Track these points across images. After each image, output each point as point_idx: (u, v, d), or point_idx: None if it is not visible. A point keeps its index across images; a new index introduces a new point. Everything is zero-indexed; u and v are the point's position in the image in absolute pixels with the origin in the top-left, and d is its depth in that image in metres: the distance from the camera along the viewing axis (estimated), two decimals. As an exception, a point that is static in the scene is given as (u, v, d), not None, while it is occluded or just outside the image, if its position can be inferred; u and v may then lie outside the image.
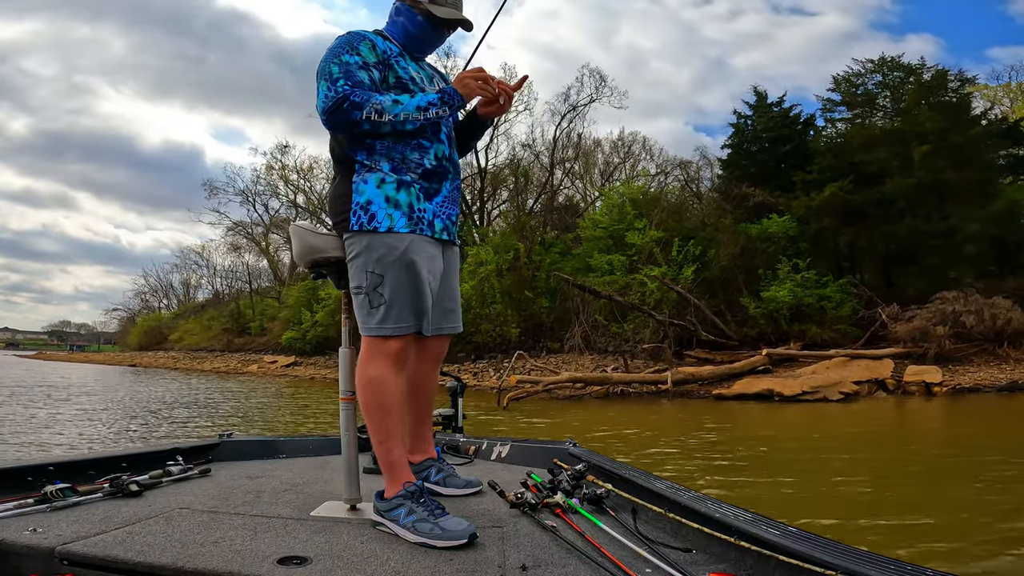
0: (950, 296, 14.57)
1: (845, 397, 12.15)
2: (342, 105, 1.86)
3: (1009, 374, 13.06)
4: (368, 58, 1.96)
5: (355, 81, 1.90)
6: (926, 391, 12.57)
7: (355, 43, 1.96)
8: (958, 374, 13.31)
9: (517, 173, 26.04)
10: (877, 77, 19.91)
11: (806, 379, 12.86)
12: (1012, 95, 26.03)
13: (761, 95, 22.19)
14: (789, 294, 16.47)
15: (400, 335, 1.90)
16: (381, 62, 1.99)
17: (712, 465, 6.29)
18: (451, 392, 3.28)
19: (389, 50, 2.03)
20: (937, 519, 4.30)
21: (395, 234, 1.90)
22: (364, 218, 1.90)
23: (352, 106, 1.86)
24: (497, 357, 20.10)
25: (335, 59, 1.92)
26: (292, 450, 2.94)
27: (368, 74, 1.94)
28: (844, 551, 1.31)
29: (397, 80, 2.01)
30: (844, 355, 14.24)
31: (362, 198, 1.92)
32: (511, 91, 2.05)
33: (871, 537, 3.93)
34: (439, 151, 2.04)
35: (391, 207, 1.91)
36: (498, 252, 21.48)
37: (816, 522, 4.14)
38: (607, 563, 1.49)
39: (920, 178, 16.64)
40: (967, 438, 8.06)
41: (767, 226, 18.66)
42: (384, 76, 2.00)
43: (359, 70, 1.93)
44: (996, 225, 16.12)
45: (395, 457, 1.88)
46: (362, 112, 1.86)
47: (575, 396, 13.86)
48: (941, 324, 14.00)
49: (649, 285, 17.27)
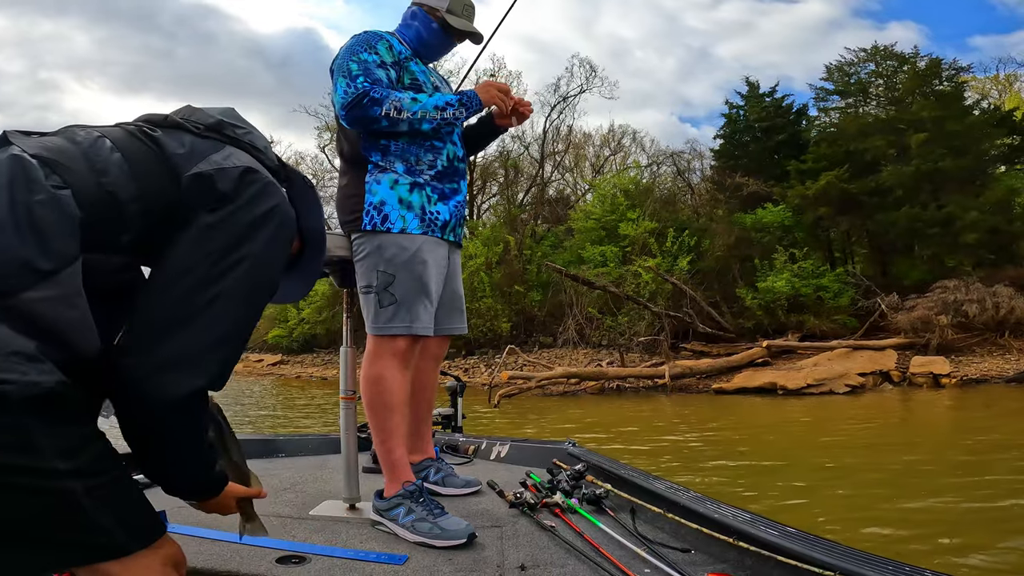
0: (951, 285, 14.62)
1: (852, 390, 12.00)
2: (362, 101, 1.90)
3: (1015, 364, 13.02)
4: (386, 57, 2.01)
5: (374, 78, 1.95)
6: (934, 383, 12.46)
7: (373, 42, 2.02)
8: (963, 365, 13.26)
9: (507, 165, 25.99)
10: (870, 66, 20.00)
11: (810, 372, 12.73)
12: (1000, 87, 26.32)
13: (753, 85, 22.28)
14: (787, 284, 16.51)
15: (408, 335, 1.95)
16: (397, 62, 2.05)
17: (735, 479, 5.84)
18: (451, 391, 3.32)
19: (402, 52, 2.09)
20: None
21: (407, 235, 1.95)
22: (377, 218, 1.95)
23: (372, 102, 1.90)
24: (488, 352, 20.08)
25: (353, 56, 1.97)
26: (291, 449, 2.98)
27: (386, 72, 1.99)
28: (843, 551, 1.35)
29: (412, 81, 2.07)
30: (846, 346, 14.21)
31: (375, 198, 1.97)
32: (525, 113, 2.19)
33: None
34: (451, 152, 2.10)
35: (404, 208, 1.97)
36: (487, 245, 21.44)
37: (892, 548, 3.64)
38: (606, 563, 1.53)
39: (917, 166, 16.74)
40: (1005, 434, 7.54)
41: (762, 216, 18.73)
42: (400, 76, 2.05)
43: (377, 68, 1.98)
44: (993, 214, 16.25)
45: (396, 456, 1.92)
46: (381, 108, 1.91)
47: (569, 392, 13.82)
48: (943, 313, 14.01)
49: (644, 276, 17.29)
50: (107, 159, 1.11)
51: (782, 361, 14.52)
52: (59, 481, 0.92)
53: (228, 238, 1.16)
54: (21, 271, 0.94)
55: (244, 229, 1.18)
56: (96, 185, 1.07)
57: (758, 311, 16.94)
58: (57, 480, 0.92)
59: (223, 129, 1.29)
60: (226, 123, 1.31)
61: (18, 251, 0.94)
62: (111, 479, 1.01)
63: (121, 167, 1.12)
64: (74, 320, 0.97)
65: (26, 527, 0.94)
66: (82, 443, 0.96)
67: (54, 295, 0.95)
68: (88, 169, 1.08)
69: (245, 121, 1.36)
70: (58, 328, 0.95)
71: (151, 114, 1.29)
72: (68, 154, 1.08)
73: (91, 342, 1.00)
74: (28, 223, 0.96)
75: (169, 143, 1.20)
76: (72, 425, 0.96)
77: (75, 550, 1.00)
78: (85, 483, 0.95)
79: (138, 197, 1.11)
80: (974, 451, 6.70)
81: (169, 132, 1.24)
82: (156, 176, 1.15)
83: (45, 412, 0.90)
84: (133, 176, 1.12)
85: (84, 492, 0.95)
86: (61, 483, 0.92)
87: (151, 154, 1.17)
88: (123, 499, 1.03)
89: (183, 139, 1.23)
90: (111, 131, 1.20)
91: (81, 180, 1.06)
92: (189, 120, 1.27)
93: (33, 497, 0.91)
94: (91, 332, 1.00)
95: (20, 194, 0.99)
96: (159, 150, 1.18)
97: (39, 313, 0.93)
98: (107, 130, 1.20)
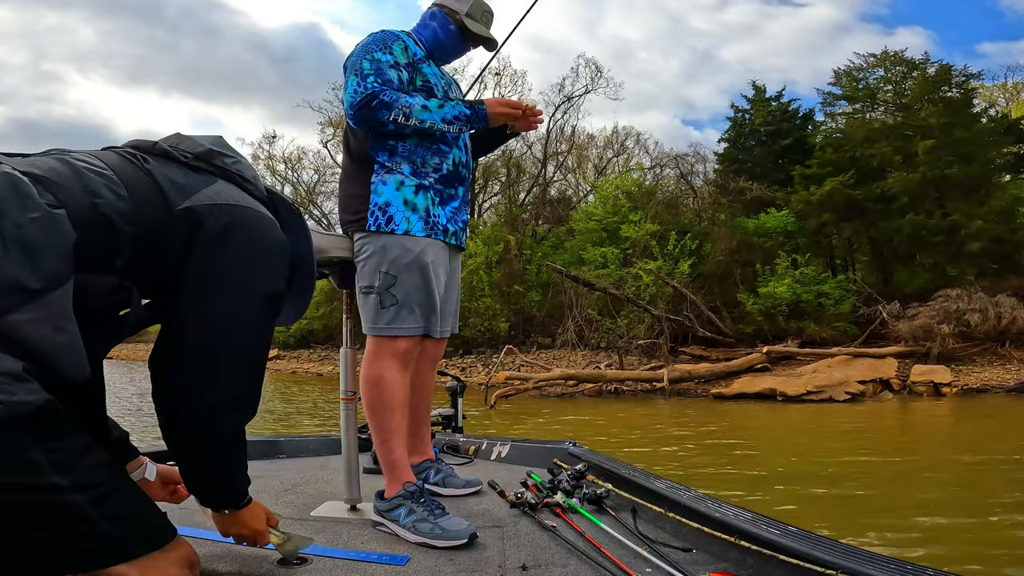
0: (953, 294, 14.57)
1: (852, 397, 11.99)
2: (371, 103, 1.90)
3: (1015, 375, 13.01)
4: (400, 58, 2.01)
5: (385, 79, 1.95)
6: (934, 391, 12.43)
7: (388, 42, 2.01)
8: (963, 374, 13.24)
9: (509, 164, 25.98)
10: (879, 72, 20.03)
11: (810, 378, 12.70)
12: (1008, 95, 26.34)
13: (759, 89, 22.29)
14: (788, 290, 16.50)
15: (410, 336, 1.96)
16: (411, 64, 2.05)
17: (735, 482, 5.84)
18: (451, 392, 3.33)
19: (417, 53, 2.09)
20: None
21: (411, 237, 1.96)
22: (382, 219, 1.96)
23: (381, 104, 1.90)
24: (486, 352, 20.09)
25: (367, 55, 1.97)
26: (292, 450, 2.99)
27: (398, 74, 1.99)
28: (844, 551, 1.35)
29: (424, 83, 2.07)
30: (847, 353, 14.17)
31: (381, 199, 1.97)
32: (535, 123, 2.17)
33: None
34: (456, 157, 2.10)
35: (409, 210, 1.98)
36: (488, 244, 21.44)
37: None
38: (607, 563, 1.53)
39: (924, 173, 16.75)
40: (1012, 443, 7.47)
41: (765, 221, 18.74)
42: (412, 78, 2.05)
43: (390, 68, 1.97)
44: (997, 223, 16.26)
45: (397, 457, 1.93)
46: (390, 112, 1.91)
47: (567, 394, 13.81)
48: (945, 322, 13.95)
49: (644, 279, 17.28)
50: (102, 181, 1.12)
51: (781, 367, 14.50)
52: (61, 496, 0.95)
53: (233, 280, 1.21)
54: (9, 291, 0.94)
55: (246, 269, 1.23)
56: (91, 206, 1.08)
57: (758, 316, 16.94)
58: (59, 495, 0.95)
59: (211, 159, 1.31)
60: (215, 152, 1.32)
61: (7, 269, 0.94)
62: (112, 488, 1.04)
63: (116, 190, 1.13)
64: (62, 345, 0.98)
65: (37, 539, 0.97)
66: (78, 456, 0.99)
67: (41, 317, 0.96)
68: (82, 189, 1.08)
69: (233, 150, 1.38)
70: (45, 351, 0.95)
71: (140, 140, 1.30)
72: (61, 174, 1.09)
73: (79, 369, 1.01)
74: (19, 241, 0.96)
75: (161, 173, 1.22)
76: (65, 439, 0.98)
77: (88, 556, 1.04)
78: (87, 495, 0.99)
79: (133, 221, 1.13)
80: (981, 458, 6.67)
81: (159, 160, 1.25)
82: (150, 204, 1.17)
83: (36, 429, 0.93)
84: (129, 200, 1.13)
85: (88, 503, 0.99)
86: (63, 497, 0.96)
87: (145, 180, 1.19)
88: (128, 505, 1.07)
89: (174, 170, 1.25)
90: (104, 154, 1.21)
91: (76, 200, 1.06)
92: (177, 148, 1.28)
93: (41, 513, 0.95)
94: (80, 358, 1.01)
95: (12, 211, 0.98)
96: (152, 179, 1.19)
97: (25, 334, 0.94)
98: (100, 153, 1.22)
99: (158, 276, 1.20)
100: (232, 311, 1.21)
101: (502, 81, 25.40)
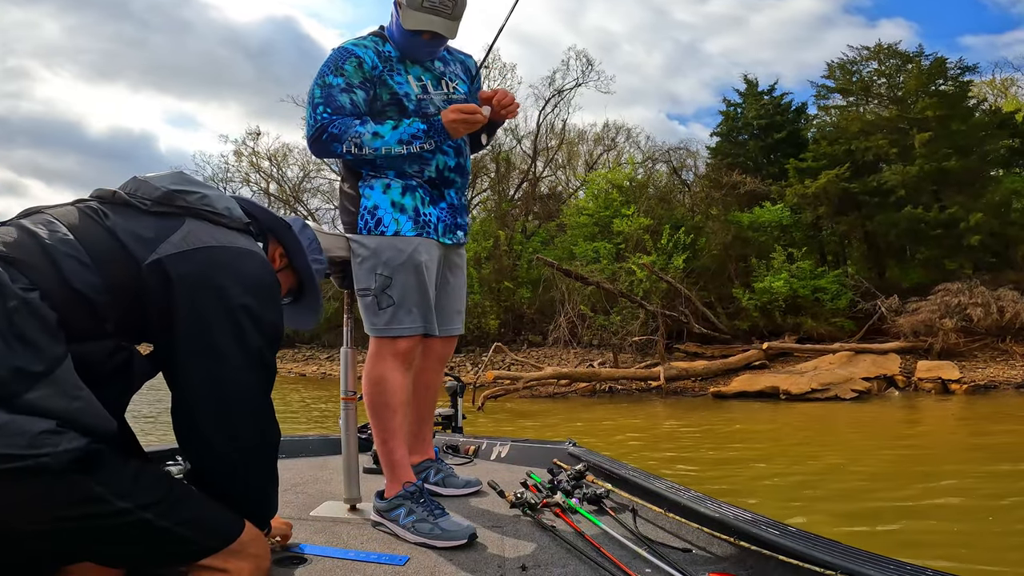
0: (954, 288, 14.63)
1: (858, 395, 11.83)
2: (320, 136, 1.93)
3: (1021, 370, 12.97)
4: (352, 78, 1.97)
5: (335, 107, 1.94)
6: (942, 388, 12.29)
7: (340, 61, 1.98)
8: (968, 370, 13.09)
9: (498, 159, 25.93)
10: (873, 64, 20.17)
11: (813, 376, 12.58)
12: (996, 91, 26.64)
13: (751, 83, 22.41)
14: (785, 285, 16.54)
15: (409, 335, 2.00)
16: (368, 80, 2.00)
17: (737, 486, 5.66)
18: (451, 392, 3.37)
19: (383, 61, 2.02)
20: None
21: (402, 237, 2.00)
22: (372, 222, 2.00)
23: (331, 138, 1.92)
24: (475, 350, 20.03)
25: (320, 80, 1.97)
26: (292, 450, 3.01)
27: (351, 97, 1.97)
28: (844, 551, 1.39)
29: (391, 96, 2.03)
30: (848, 349, 14.14)
31: (369, 203, 2.02)
32: (510, 113, 2.10)
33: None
34: (441, 163, 2.10)
35: (397, 211, 2.01)
36: (476, 240, 21.41)
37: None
38: (607, 563, 1.57)
39: (921, 166, 16.87)
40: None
41: (759, 215, 18.82)
42: (376, 93, 2.02)
43: (340, 94, 1.95)
44: (993, 216, 16.40)
45: (397, 457, 1.98)
46: (341, 145, 1.93)
47: (559, 394, 13.69)
48: (946, 317, 13.99)
49: (638, 274, 17.27)
50: (66, 252, 1.16)
51: (779, 364, 14.45)
52: (132, 516, 1.10)
53: (217, 327, 1.25)
54: (17, 377, 1.03)
55: (228, 312, 1.26)
56: (60, 283, 1.13)
57: (754, 312, 17.00)
58: (129, 516, 1.10)
59: (173, 200, 1.30)
60: (174, 193, 1.31)
61: (8, 359, 1.03)
62: (175, 499, 1.18)
63: (81, 259, 1.16)
64: (81, 409, 1.08)
65: (133, 550, 1.15)
66: (133, 480, 1.13)
67: (53, 392, 1.06)
68: (50, 266, 1.13)
69: (196, 183, 1.37)
70: (68, 418, 1.06)
71: (102, 189, 1.32)
72: (27, 250, 1.14)
73: (104, 422, 1.12)
74: (9, 331, 1.05)
75: (123, 228, 1.23)
76: (115, 470, 1.11)
77: (173, 557, 1.20)
78: (153, 511, 1.13)
79: (104, 289, 1.17)
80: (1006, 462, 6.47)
81: (120, 213, 1.26)
82: (117, 264, 1.20)
83: (86, 469, 1.06)
84: (95, 268, 1.17)
85: (158, 517, 1.13)
86: (134, 517, 1.10)
87: (108, 241, 1.21)
88: (191, 509, 1.20)
89: (137, 221, 1.25)
90: (66, 213, 1.24)
91: (47, 280, 1.12)
92: (136, 196, 1.29)
93: (124, 532, 1.11)
94: (100, 414, 1.11)
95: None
96: (114, 237, 1.22)
97: (46, 407, 1.04)
98: (62, 212, 1.24)
99: (152, 330, 1.26)
100: (223, 364, 1.26)
101: (491, 75, 25.34)
